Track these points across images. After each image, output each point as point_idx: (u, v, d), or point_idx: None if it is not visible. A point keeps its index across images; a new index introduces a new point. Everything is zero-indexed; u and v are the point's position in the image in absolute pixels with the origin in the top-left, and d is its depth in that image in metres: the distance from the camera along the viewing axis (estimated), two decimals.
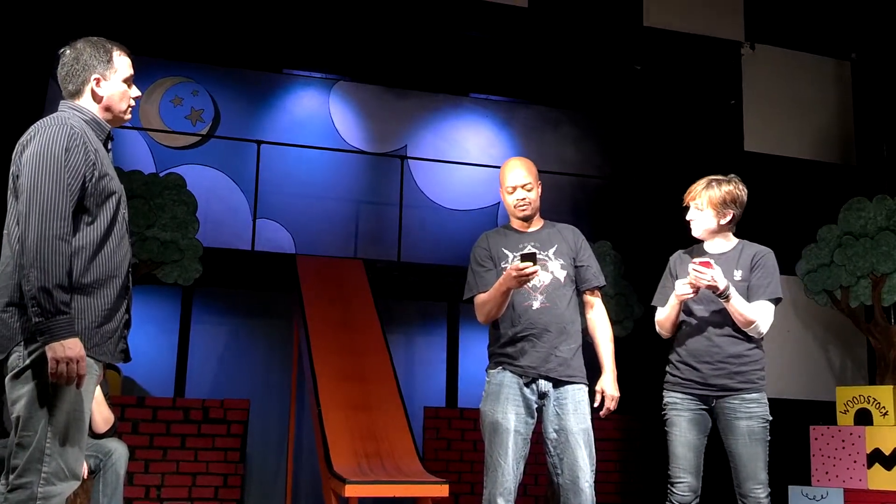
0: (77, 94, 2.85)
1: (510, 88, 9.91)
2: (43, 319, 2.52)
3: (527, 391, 3.71)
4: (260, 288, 8.66)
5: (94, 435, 4.54)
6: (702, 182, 3.87)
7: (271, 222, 9.00)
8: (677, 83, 8.52)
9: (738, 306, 3.66)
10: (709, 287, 3.61)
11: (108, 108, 2.87)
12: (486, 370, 3.85)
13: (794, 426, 6.67)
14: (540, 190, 3.91)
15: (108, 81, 2.86)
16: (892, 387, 6.36)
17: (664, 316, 3.88)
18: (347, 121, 9.65)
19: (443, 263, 8.62)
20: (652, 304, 4.00)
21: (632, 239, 8.84)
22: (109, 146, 2.91)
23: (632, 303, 8.02)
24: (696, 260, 3.61)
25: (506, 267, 3.69)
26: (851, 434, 6.33)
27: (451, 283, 8.08)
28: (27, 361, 2.60)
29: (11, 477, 2.58)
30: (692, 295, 3.71)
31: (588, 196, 10.06)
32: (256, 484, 8.22)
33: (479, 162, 9.57)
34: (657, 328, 3.95)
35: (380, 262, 8.59)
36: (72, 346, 2.53)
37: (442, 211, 9.69)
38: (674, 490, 3.77)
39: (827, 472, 6.40)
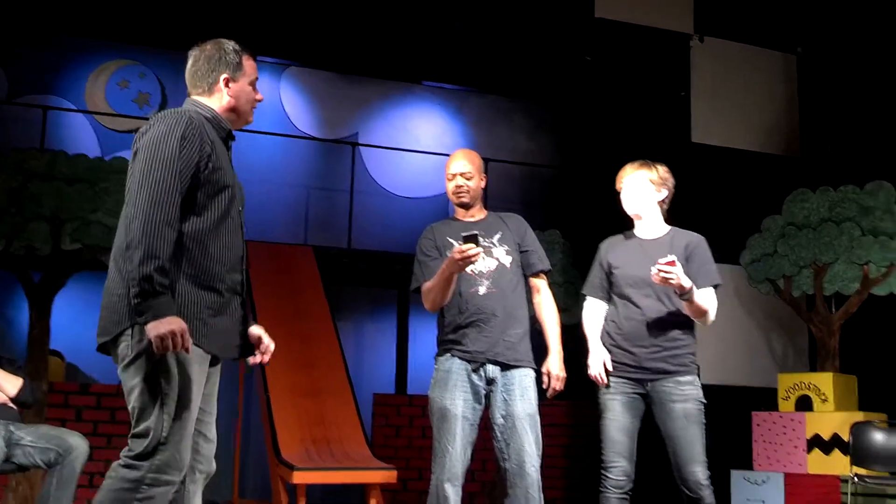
0: (204, 93, 2.89)
1: (463, 77, 9.91)
2: (142, 300, 2.52)
3: (475, 377, 3.74)
4: None
5: (19, 403, 4.48)
6: (633, 163, 3.93)
7: None
8: (627, 75, 8.59)
9: (699, 301, 3.65)
10: (674, 285, 3.56)
11: (233, 109, 2.91)
12: (435, 357, 3.86)
13: (737, 412, 6.79)
14: (483, 182, 3.98)
15: (236, 83, 2.89)
16: (831, 374, 6.51)
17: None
18: (298, 106, 9.58)
19: (393, 251, 8.61)
20: (582, 292, 4.03)
21: (581, 228, 8.91)
22: (229, 145, 2.94)
23: (580, 290, 8.09)
24: (662, 261, 3.53)
25: None
26: (792, 420, 6.47)
27: (401, 271, 8.07)
28: (136, 351, 2.62)
29: (127, 455, 2.62)
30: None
31: (539, 185, 10.12)
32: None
33: (431, 150, 9.56)
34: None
35: (330, 249, 8.55)
36: (172, 321, 2.53)
37: (393, 198, 9.68)
38: (608, 475, 3.76)
39: (768, 457, 6.54)
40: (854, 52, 7.65)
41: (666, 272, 3.50)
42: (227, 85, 2.88)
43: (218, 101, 2.89)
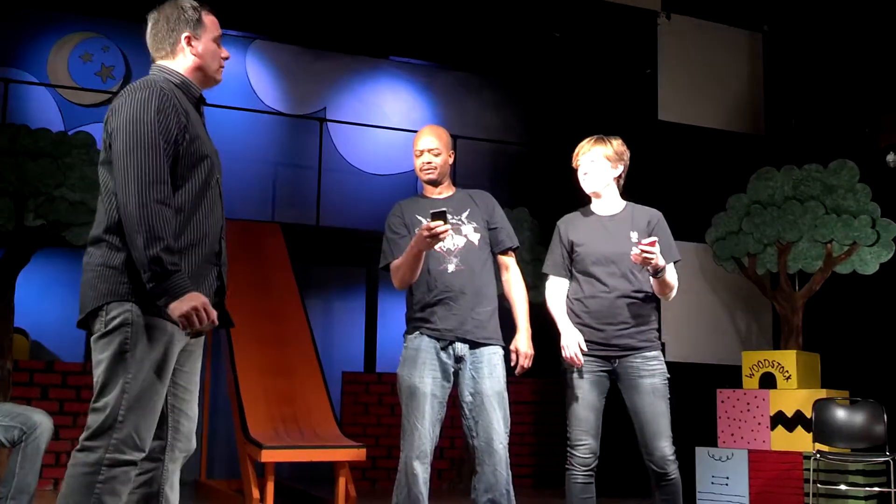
0: (167, 55, 2.81)
1: (431, 52, 9.85)
2: (156, 283, 2.49)
3: (443, 355, 3.74)
4: None
5: None
6: (588, 140, 3.94)
7: None
8: (595, 51, 8.59)
9: (668, 278, 3.68)
10: (652, 265, 3.56)
11: (199, 68, 2.83)
12: (404, 335, 3.86)
13: (702, 389, 6.88)
14: (451, 159, 3.97)
15: (198, 40, 2.82)
16: (795, 351, 6.61)
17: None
18: (264, 81, 9.48)
19: (362, 228, 8.59)
20: (543, 271, 4.01)
21: (549, 206, 8.93)
22: (201, 110, 2.88)
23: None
24: (644, 242, 3.52)
25: None
26: (756, 397, 6.56)
27: (369, 248, 8.06)
28: (109, 326, 2.59)
29: (82, 437, 2.58)
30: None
31: (507, 162, 10.12)
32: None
33: (399, 126, 9.51)
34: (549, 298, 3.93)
35: (298, 226, 8.51)
36: (192, 297, 2.51)
37: (361, 175, 9.63)
38: (575, 453, 3.78)
39: (732, 434, 6.63)
40: (819, 31, 7.71)
41: (648, 253, 3.51)
42: (189, 43, 2.81)
43: (183, 61, 2.82)
